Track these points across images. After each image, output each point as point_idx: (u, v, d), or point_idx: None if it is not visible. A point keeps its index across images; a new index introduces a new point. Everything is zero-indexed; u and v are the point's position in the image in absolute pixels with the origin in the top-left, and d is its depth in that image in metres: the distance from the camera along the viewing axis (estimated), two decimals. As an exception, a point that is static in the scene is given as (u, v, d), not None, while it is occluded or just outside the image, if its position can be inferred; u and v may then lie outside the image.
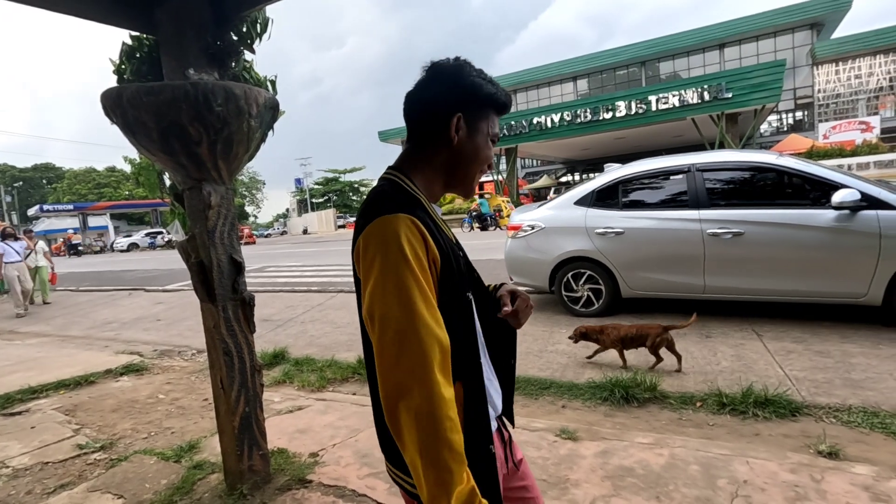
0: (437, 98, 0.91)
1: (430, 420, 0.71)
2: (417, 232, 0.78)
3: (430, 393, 0.72)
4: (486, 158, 0.95)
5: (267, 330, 5.62)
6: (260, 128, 2.11)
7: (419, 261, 0.77)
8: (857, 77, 30.22)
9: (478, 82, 0.90)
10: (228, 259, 2.17)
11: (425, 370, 0.72)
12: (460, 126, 0.90)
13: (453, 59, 0.93)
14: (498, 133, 0.97)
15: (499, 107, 0.94)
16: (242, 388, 2.22)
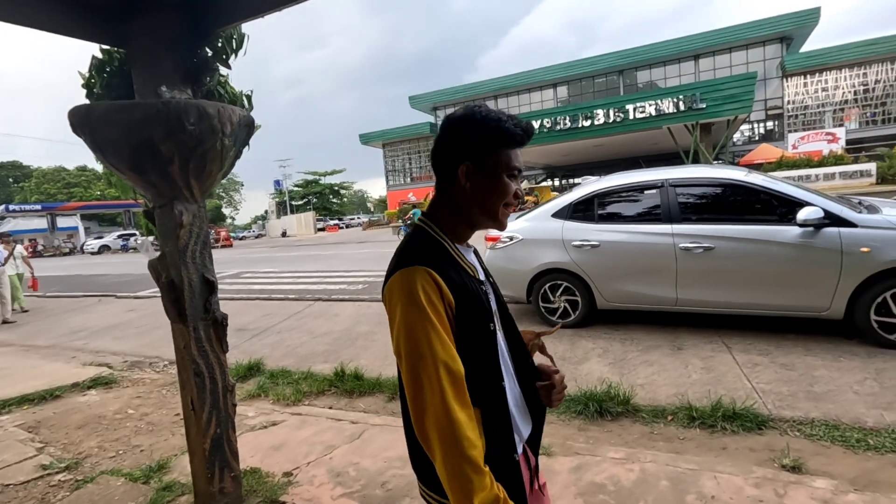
0: (445, 151, 1.02)
1: (449, 439, 0.86)
2: (432, 281, 0.91)
3: (445, 417, 0.86)
4: (504, 193, 1.01)
5: (242, 340, 5.54)
6: (234, 146, 2.09)
7: (433, 306, 0.90)
8: (823, 90, 31.35)
9: (484, 127, 0.98)
10: (200, 278, 2.13)
11: (440, 398, 0.87)
12: (470, 173, 1.00)
13: (462, 109, 1.02)
14: (518, 165, 1.02)
15: (512, 142, 1.00)
16: (214, 409, 2.18)
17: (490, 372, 1.00)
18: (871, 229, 3.57)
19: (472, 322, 0.97)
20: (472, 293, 0.98)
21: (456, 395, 0.88)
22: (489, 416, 0.98)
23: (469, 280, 0.99)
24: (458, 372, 0.90)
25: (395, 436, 2.95)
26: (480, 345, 0.98)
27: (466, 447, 0.86)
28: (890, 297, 3.53)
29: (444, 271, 0.94)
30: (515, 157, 1.02)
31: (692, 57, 34.38)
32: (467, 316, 0.96)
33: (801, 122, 31.83)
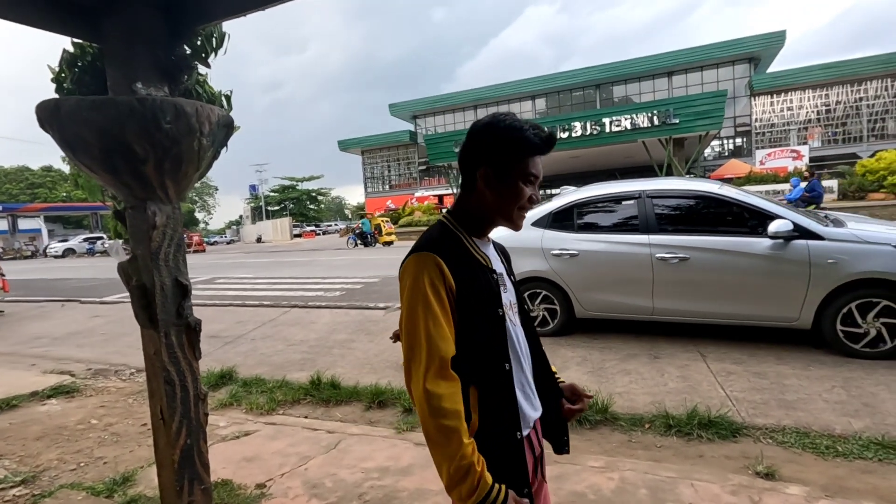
0: (467, 155, 1.12)
1: (428, 407, 0.96)
2: (436, 266, 1.01)
3: (427, 388, 0.97)
4: (518, 198, 1.09)
5: (215, 347, 5.38)
6: (212, 146, 2.03)
7: (434, 289, 1.00)
8: (789, 109, 32.68)
9: (505, 135, 1.06)
10: (173, 282, 2.06)
11: (423, 370, 0.98)
12: (487, 177, 1.08)
13: (489, 116, 1.10)
14: (535, 172, 1.09)
15: (531, 149, 1.07)
16: (185, 419, 2.09)
17: (495, 354, 1.06)
18: (837, 242, 3.70)
19: (477, 306, 1.04)
20: (479, 280, 1.06)
21: (439, 370, 0.97)
22: (488, 394, 1.05)
23: (478, 268, 1.08)
24: (444, 350, 0.98)
25: (373, 446, 2.89)
26: (486, 327, 1.05)
27: (442, 416, 0.96)
28: (855, 308, 3.66)
29: (451, 258, 1.03)
30: (533, 165, 1.08)
31: (666, 74, 35.42)
32: (472, 300, 1.04)
33: (767, 139, 33.06)
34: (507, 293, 1.17)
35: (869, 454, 2.51)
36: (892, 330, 3.60)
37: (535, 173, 1.09)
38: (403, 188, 44.44)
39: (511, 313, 1.16)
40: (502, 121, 1.08)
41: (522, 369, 1.14)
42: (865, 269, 3.59)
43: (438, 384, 0.97)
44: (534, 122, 1.08)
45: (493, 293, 1.08)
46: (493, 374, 1.06)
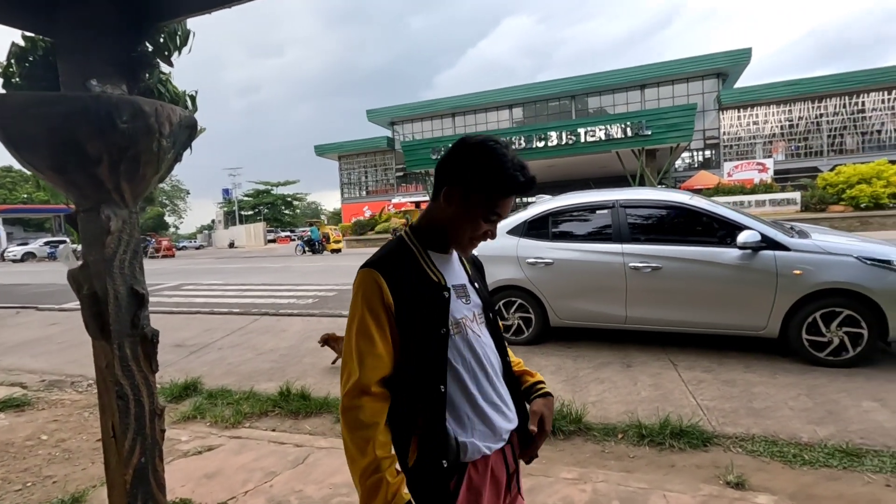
0: (441, 167, 1.08)
1: (348, 418, 1.00)
2: (375, 284, 1.01)
3: (343, 403, 1.01)
4: (473, 229, 1.07)
5: (179, 357, 5.17)
6: (173, 148, 1.93)
7: (371, 308, 1.01)
8: (755, 123, 33.90)
9: (485, 164, 1.02)
10: (128, 291, 1.94)
11: (345, 387, 1.01)
12: (451, 196, 1.05)
13: (482, 138, 1.06)
14: (500, 212, 1.06)
15: (504, 188, 1.03)
16: (139, 436, 1.97)
17: (431, 374, 1.04)
18: (802, 253, 3.80)
19: (417, 325, 1.03)
20: (423, 298, 1.04)
21: (361, 387, 0.99)
22: (421, 414, 1.04)
23: (426, 286, 1.06)
24: (370, 368, 1.00)
25: (342, 459, 2.79)
26: (424, 348, 1.04)
27: (357, 427, 0.98)
28: (820, 318, 3.76)
29: (395, 276, 1.03)
30: (501, 204, 1.05)
31: (639, 87, 36.33)
32: (412, 319, 1.03)
33: (735, 151, 34.19)
34: (470, 304, 1.14)
35: (834, 462, 2.55)
36: (853, 339, 3.71)
37: (500, 213, 1.06)
38: (380, 194, 44.18)
39: (473, 325, 1.13)
40: (491, 148, 1.03)
41: (490, 380, 1.12)
42: (829, 279, 3.69)
43: (359, 399, 0.99)
44: (521, 162, 1.03)
45: (439, 313, 1.05)
46: (427, 396, 1.04)
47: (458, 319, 1.09)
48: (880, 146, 30.93)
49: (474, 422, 1.07)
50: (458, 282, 1.14)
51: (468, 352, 1.09)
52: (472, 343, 1.10)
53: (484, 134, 1.09)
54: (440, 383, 1.04)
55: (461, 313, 1.10)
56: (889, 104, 30.81)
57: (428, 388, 1.04)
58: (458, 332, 1.08)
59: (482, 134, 1.09)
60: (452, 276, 1.13)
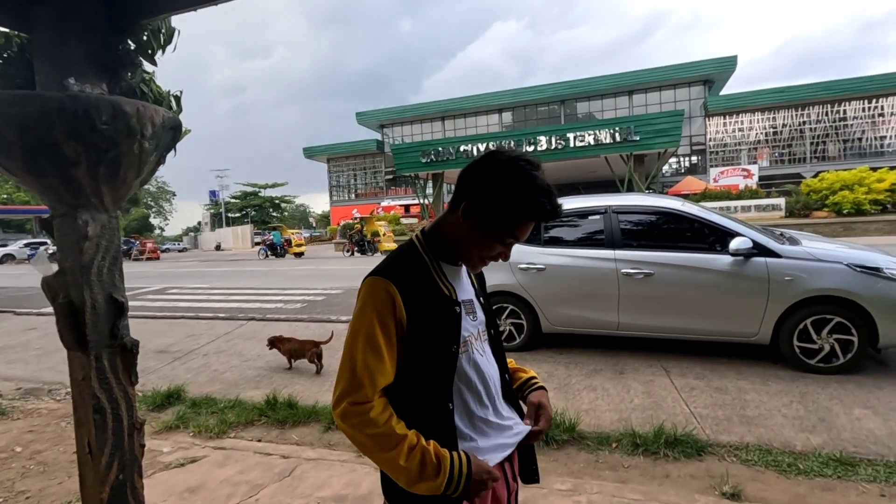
0: (465, 178, 1.02)
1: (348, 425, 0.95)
2: (388, 296, 0.96)
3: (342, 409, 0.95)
4: (488, 250, 1.02)
5: (162, 363, 5.04)
6: (155, 150, 1.85)
7: (382, 320, 0.95)
8: (740, 130, 34.43)
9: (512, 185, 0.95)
10: (107, 299, 1.85)
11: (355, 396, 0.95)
12: (471, 212, 0.99)
13: (513, 155, 0.99)
14: (518, 236, 1.00)
15: (527, 215, 0.98)
16: (116, 452, 1.88)
17: (439, 391, 1.01)
18: (793, 260, 3.81)
19: (429, 341, 0.99)
20: (436, 315, 1.00)
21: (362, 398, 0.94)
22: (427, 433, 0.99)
23: (439, 301, 1.01)
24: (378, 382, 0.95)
25: (330, 471, 2.72)
26: (434, 365, 1.00)
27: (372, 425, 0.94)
28: (810, 324, 3.77)
29: (408, 289, 0.97)
30: (520, 229, 0.99)
31: (627, 92, 36.70)
32: (424, 335, 0.98)
33: (721, 157, 34.67)
34: (476, 322, 1.11)
35: (829, 471, 2.53)
36: (844, 346, 3.72)
37: (517, 236, 1.01)
38: (370, 197, 44.04)
39: (477, 344, 1.10)
40: (521, 168, 0.96)
41: (493, 401, 1.09)
42: (820, 286, 3.70)
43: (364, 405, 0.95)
44: (549, 187, 0.97)
45: (451, 329, 1.02)
46: (434, 414, 1.01)
47: (465, 337, 1.06)
48: (861, 153, 31.61)
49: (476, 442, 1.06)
50: (467, 297, 1.10)
51: (473, 371, 1.06)
52: (476, 362, 1.07)
53: (516, 152, 1.02)
54: (448, 401, 1.01)
55: (468, 331, 1.07)
56: (870, 112, 31.51)
57: (436, 404, 1.01)
58: (465, 351, 1.05)
59: (514, 151, 1.02)
60: (462, 290, 1.09)
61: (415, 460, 0.93)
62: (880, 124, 31.41)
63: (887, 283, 3.60)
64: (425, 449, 0.94)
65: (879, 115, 31.34)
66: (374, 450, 0.94)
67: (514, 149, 1.08)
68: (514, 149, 1.08)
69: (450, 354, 1.01)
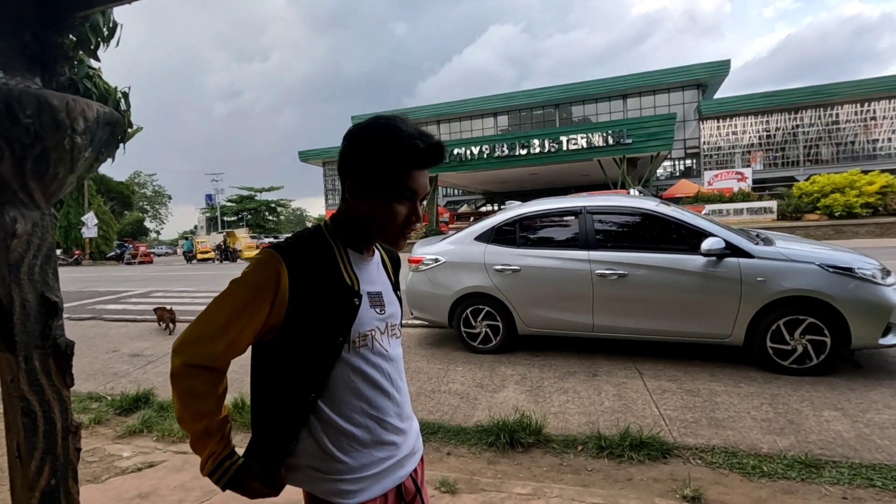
0: (340, 163, 0.98)
1: (179, 382, 0.96)
2: (275, 273, 0.91)
3: (184, 369, 0.94)
4: (392, 218, 0.96)
5: (135, 367, 4.98)
6: (90, 146, 1.80)
7: (258, 294, 0.92)
8: (734, 133, 34.60)
9: (378, 143, 0.92)
10: (38, 299, 1.80)
11: (196, 356, 0.94)
12: (356, 190, 0.96)
13: (369, 120, 0.96)
14: (413, 187, 0.95)
15: (409, 162, 0.93)
16: (48, 456, 1.82)
17: (307, 379, 0.96)
18: (766, 260, 3.78)
19: (311, 327, 0.94)
20: (329, 303, 0.95)
21: (211, 364, 0.94)
22: (273, 412, 0.99)
23: (336, 289, 0.96)
24: (228, 355, 0.95)
25: (288, 476, 2.66)
26: (310, 352, 0.95)
27: (195, 397, 0.95)
28: (783, 325, 3.73)
29: (301, 270, 0.93)
30: (409, 179, 0.94)
31: (621, 96, 36.86)
32: (306, 320, 0.94)
33: (714, 161, 34.81)
34: (383, 315, 1.05)
35: (793, 474, 2.50)
36: (817, 347, 3.69)
37: (413, 188, 0.95)
38: (365, 201, 43.91)
39: (383, 339, 1.04)
40: (378, 127, 0.93)
41: (392, 399, 1.05)
42: (792, 286, 3.67)
43: (199, 372, 0.95)
44: (420, 131, 0.94)
45: (343, 320, 0.96)
46: (286, 399, 0.97)
47: (367, 331, 1.00)
48: (854, 157, 31.77)
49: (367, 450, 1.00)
50: (374, 289, 1.05)
51: (371, 367, 1.00)
52: (375, 359, 1.01)
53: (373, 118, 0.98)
54: (311, 391, 0.96)
55: (371, 324, 1.01)
56: (862, 116, 31.69)
57: (294, 391, 0.96)
58: (364, 345, 1.00)
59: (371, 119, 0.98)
60: (369, 281, 1.03)
61: (199, 451, 0.99)
62: (872, 128, 31.61)
63: (859, 284, 3.57)
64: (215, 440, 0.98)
65: (871, 118, 31.53)
66: (181, 418, 0.98)
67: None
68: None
69: (333, 346, 0.96)
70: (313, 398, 0.96)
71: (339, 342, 0.96)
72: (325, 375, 0.96)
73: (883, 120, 31.18)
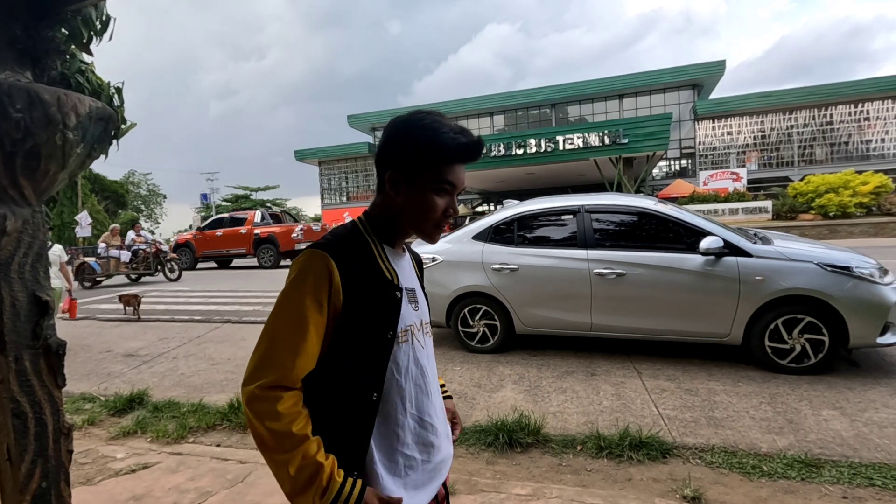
0: (380, 154, 0.98)
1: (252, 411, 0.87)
2: (326, 271, 0.89)
3: (252, 392, 0.87)
4: (430, 210, 0.96)
5: (129, 367, 4.92)
6: (82, 142, 1.77)
7: (316, 297, 0.88)
8: (729, 133, 34.67)
9: (419, 137, 0.92)
10: (30, 297, 1.76)
11: (269, 379, 0.87)
12: (396, 182, 0.95)
13: (409, 113, 0.96)
14: (452, 181, 0.95)
15: (447, 156, 0.93)
16: (39, 458, 1.78)
17: (367, 380, 0.94)
18: (764, 259, 3.78)
19: (363, 325, 0.92)
20: (375, 297, 0.94)
21: (287, 383, 0.88)
22: (343, 421, 0.93)
23: (380, 283, 0.95)
24: (298, 366, 0.88)
25: (285, 477, 2.63)
26: (366, 351, 0.93)
27: (276, 418, 0.85)
28: (781, 324, 3.73)
29: (348, 266, 0.92)
30: (450, 172, 0.95)
31: (617, 96, 36.88)
32: (359, 318, 0.92)
33: (710, 161, 34.88)
34: (419, 312, 1.05)
35: (793, 473, 2.49)
36: (815, 346, 3.68)
37: (453, 182, 0.95)
38: (361, 200, 43.84)
39: (419, 335, 1.04)
40: (421, 120, 0.94)
41: (430, 397, 1.03)
42: (791, 285, 3.67)
43: (276, 392, 0.87)
44: (461, 127, 0.94)
45: (389, 314, 0.95)
46: (354, 403, 0.93)
47: (407, 326, 1.00)
48: (848, 157, 31.91)
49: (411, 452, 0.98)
50: (410, 285, 1.04)
51: (413, 364, 1.00)
52: (417, 355, 1.01)
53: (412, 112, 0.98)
54: (374, 391, 0.94)
55: (410, 320, 1.01)
56: (855, 117, 31.85)
57: (359, 394, 0.93)
58: (406, 340, 0.99)
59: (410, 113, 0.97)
60: (404, 276, 1.03)
61: (304, 473, 0.85)
62: (866, 128, 31.76)
63: (857, 283, 3.57)
64: (320, 465, 0.85)
65: (865, 119, 31.68)
66: (269, 447, 0.87)
67: None
68: None
69: (385, 341, 0.94)
70: (376, 399, 0.94)
71: (390, 337, 0.95)
72: (382, 374, 0.95)
73: (876, 120, 31.34)
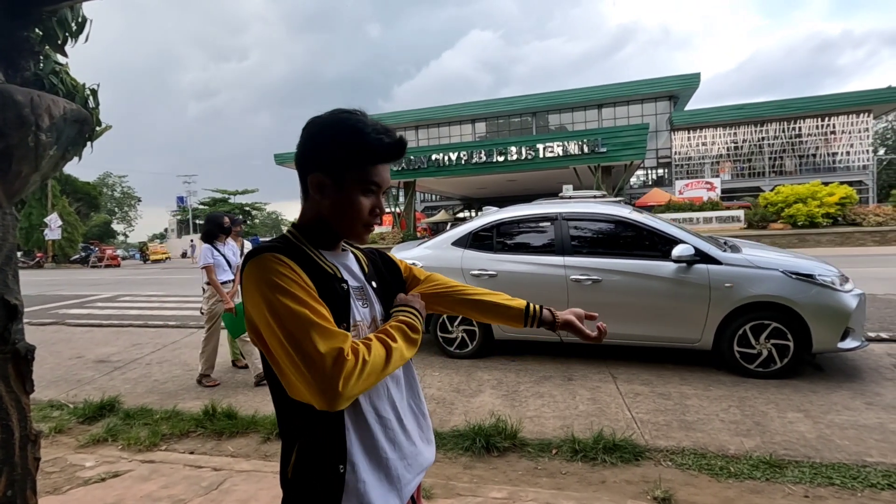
0: (302, 156, 0.97)
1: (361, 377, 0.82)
2: (285, 264, 0.86)
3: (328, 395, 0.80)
4: (361, 210, 0.95)
5: (100, 374, 4.80)
6: (56, 143, 1.75)
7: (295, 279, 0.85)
8: (703, 144, 35.62)
9: (341, 137, 0.91)
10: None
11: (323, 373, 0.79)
12: (321, 185, 0.94)
13: (329, 113, 0.95)
14: (377, 181, 0.95)
15: (372, 156, 0.93)
16: (5, 466, 1.74)
17: None
18: (733, 267, 3.91)
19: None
20: (325, 288, 0.91)
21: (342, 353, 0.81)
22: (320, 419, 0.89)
23: (325, 277, 0.93)
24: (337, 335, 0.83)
25: (261, 484, 2.61)
26: None
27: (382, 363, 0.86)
28: (749, 330, 3.86)
29: (294, 259, 0.89)
30: (375, 173, 0.95)
31: (596, 106, 37.59)
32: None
33: (685, 170, 35.75)
34: (369, 309, 1.01)
35: (758, 474, 2.57)
36: (781, 351, 3.82)
37: (378, 182, 0.95)
38: (342, 205, 43.52)
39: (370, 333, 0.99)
40: (345, 121, 0.93)
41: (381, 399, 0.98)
42: (758, 292, 3.80)
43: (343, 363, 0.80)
44: (384, 126, 0.94)
45: (340, 304, 0.93)
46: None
47: (357, 321, 0.97)
48: (815, 169, 33.09)
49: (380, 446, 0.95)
50: (355, 283, 1.01)
51: None
52: None
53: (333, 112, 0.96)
54: None
55: (360, 315, 0.98)
56: (822, 130, 33.07)
57: None
58: (355, 335, 0.95)
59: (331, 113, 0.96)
60: (346, 273, 1.01)
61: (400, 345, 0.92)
62: (832, 141, 32.99)
63: (820, 290, 3.72)
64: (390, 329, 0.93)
65: (831, 132, 32.92)
66: (394, 362, 0.90)
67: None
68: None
69: None
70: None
71: (345, 328, 0.92)
72: None
73: (842, 134, 32.62)
